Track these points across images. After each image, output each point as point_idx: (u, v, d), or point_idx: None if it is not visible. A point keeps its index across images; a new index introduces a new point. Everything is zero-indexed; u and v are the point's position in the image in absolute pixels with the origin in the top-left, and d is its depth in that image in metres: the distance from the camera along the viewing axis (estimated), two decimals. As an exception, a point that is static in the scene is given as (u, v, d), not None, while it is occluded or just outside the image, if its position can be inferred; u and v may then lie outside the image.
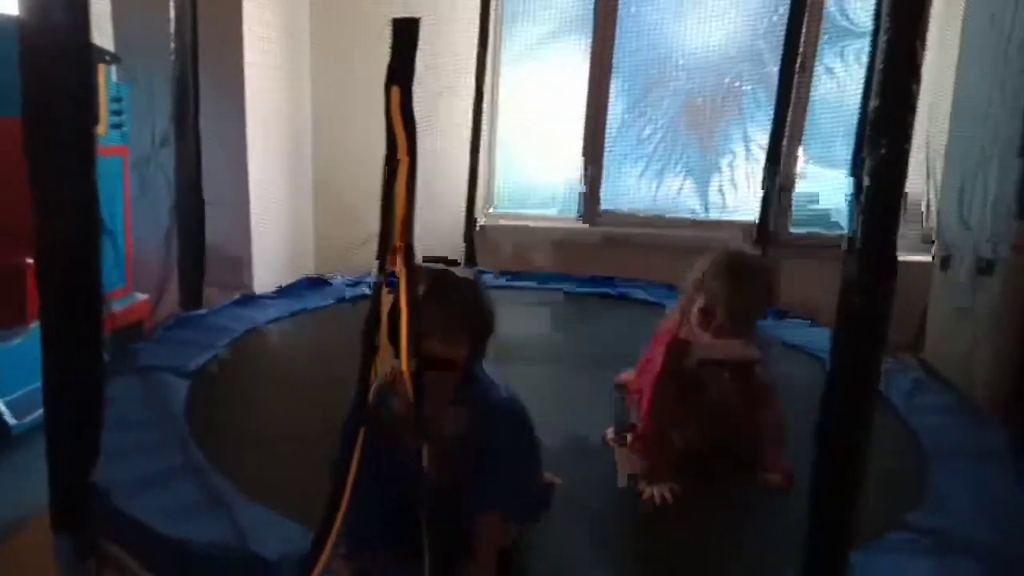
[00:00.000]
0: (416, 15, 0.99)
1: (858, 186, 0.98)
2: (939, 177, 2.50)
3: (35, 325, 2.33)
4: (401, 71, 0.98)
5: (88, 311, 1.24)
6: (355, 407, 1.04)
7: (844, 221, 2.82)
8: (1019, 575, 1.31)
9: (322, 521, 1.08)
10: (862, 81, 2.78)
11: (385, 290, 1.02)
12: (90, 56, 1.22)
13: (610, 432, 1.71)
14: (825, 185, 3.11)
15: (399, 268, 1.00)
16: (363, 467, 1.02)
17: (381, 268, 1.01)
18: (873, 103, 0.89)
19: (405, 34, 0.98)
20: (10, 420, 2.13)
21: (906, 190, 0.92)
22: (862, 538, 1.32)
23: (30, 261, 2.34)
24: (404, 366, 1.01)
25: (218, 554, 1.22)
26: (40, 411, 2.17)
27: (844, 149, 2.99)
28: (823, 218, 3.15)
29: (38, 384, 2.26)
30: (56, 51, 1.14)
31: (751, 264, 1.62)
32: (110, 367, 1.86)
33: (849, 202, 0.97)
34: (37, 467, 2.13)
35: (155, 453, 1.52)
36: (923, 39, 0.86)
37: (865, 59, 2.90)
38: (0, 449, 2.20)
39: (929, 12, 0.88)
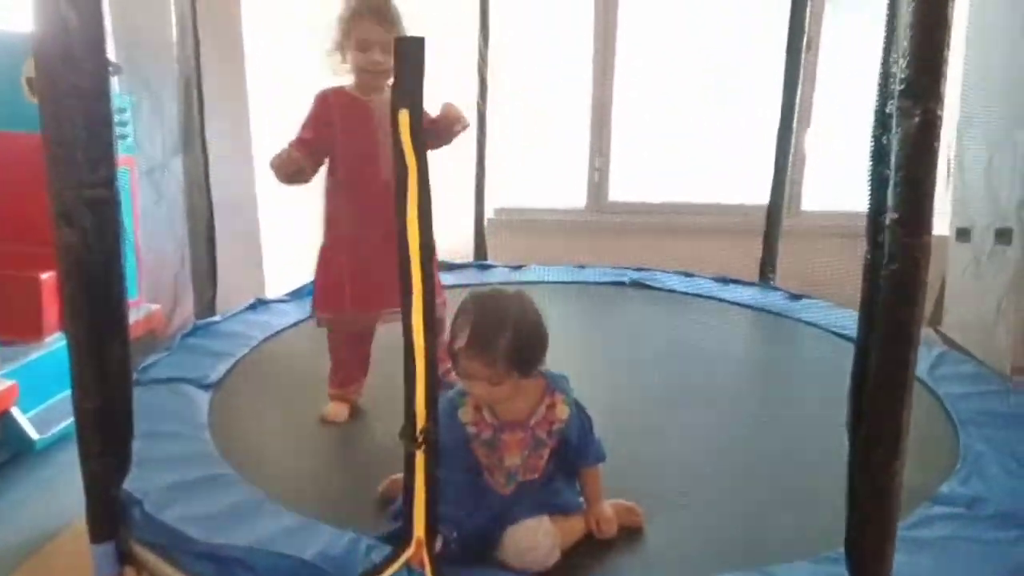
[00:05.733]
0: (420, 35, 0.96)
1: (878, 157, 0.96)
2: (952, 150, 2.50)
3: (51, 339, 2.38)
4: (409, 93, 0.95)
5: (114, 321, 1.23)
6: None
7: (857, 199, 2.80)
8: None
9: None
10: (867, 56, 2.81)
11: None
12: (106, 66, 1.21)
13: None
14: (836, 163, 3.09)
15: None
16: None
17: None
18: (903, 72, 0.87)
19: (411, 54, 0.95)
20: (33, 435, 2.14)
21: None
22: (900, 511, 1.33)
23: (44, 276, 2.37)
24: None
25: (253, 558, 1.21)
26: (62, 424, 2.21)
27: (854, 126, 2.97)
28: (835, 197, 3.13)
29: (57, 397, 2.32)
30: (72, 61, 1.14)
31: None
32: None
33: (871, 174, 0.96)
34: (62, 480, 2.16)
35: (181, 462, 1.52)
36: (952, 3, 0.84)
37: (869, 35, 2.90)
38: (25, 463, 2.22)
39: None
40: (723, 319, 2.43)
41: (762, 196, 2.87)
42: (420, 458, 1.03)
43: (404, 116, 0.93)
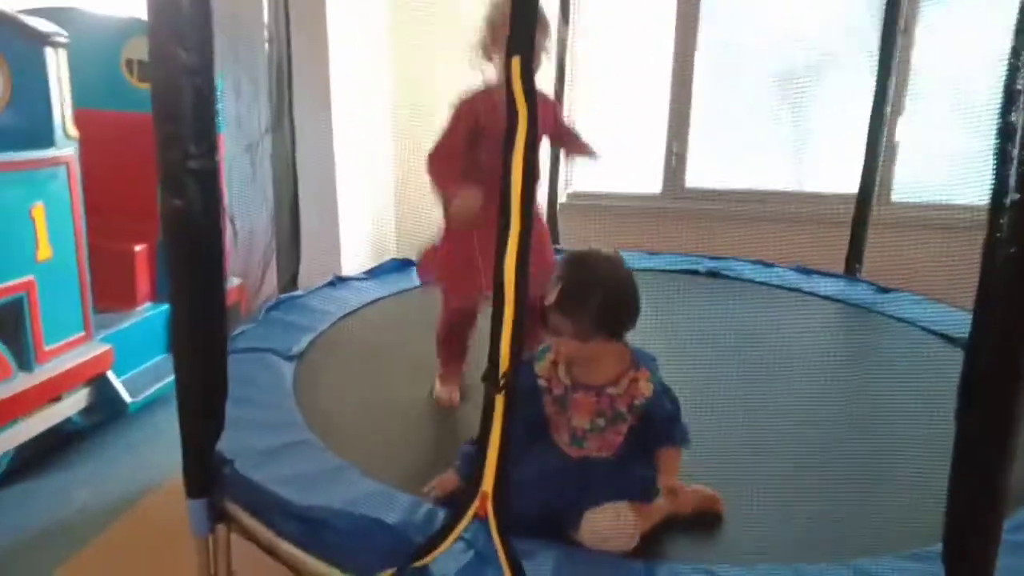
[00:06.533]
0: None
1: (1004, 135, 0.91)
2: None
3: (143, 307, 2.50)
4: (521, 41, 1.00)
5: (214, 286, 1.29)
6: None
7: (948, 190, 2.66)
8: None
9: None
10: (964, 41, 2.66)
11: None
12: (211, 43, 1.26)
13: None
14: (929, 153, 2.94)
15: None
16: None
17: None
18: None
19: (524, 4, 1.01)
20: (127, 398, 2.26)
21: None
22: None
23: (137, 248, 2.49)
24: None
25: (338, 520, 1.25)
26: (153, 388, 2.32)
27: (949, 114, 2.82)
28: (927, 187, 2.98)
29: (149, 363, 2.43)
30: (182, 40, 1.19)
31: None
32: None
33: (995, 155, 0.90)
34: (153, 440, 2.27)
35: (268, 427, 1.58)
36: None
37: (965, 18, 2.76)
38: (118, 425, 2.34)
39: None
40: (805, 310, 2.36)
41: (847, 185, 2.77)
42: (499, 404, 1.04)
43: (516, 62, 0.98)
